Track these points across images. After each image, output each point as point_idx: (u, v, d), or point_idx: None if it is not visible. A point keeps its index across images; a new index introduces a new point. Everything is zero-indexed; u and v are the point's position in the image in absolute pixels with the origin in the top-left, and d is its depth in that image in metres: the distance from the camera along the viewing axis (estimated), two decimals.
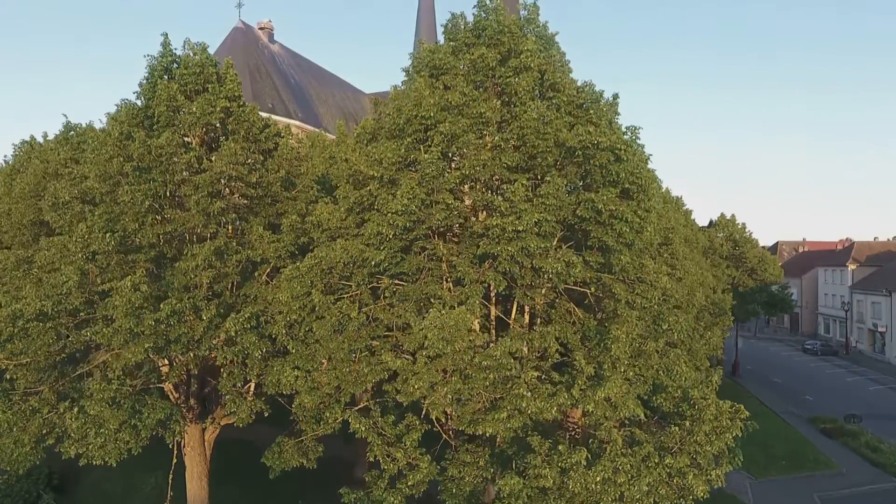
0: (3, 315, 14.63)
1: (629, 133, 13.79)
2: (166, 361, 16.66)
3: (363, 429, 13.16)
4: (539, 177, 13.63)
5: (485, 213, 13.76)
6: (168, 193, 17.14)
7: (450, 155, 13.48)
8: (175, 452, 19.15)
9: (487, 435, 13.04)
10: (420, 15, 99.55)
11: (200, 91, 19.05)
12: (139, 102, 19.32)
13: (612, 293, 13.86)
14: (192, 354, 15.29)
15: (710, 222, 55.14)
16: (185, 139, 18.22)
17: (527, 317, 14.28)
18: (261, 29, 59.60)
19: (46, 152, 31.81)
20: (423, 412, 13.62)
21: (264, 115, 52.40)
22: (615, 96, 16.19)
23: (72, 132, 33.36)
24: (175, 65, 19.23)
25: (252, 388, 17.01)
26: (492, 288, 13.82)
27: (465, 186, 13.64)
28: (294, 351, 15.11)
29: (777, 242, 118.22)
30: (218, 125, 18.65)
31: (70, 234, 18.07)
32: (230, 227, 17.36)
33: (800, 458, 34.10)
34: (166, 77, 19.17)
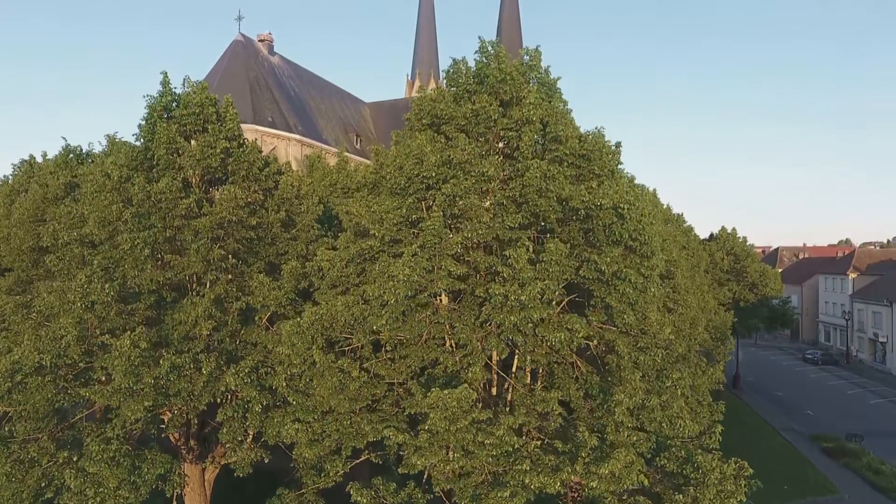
0: (1, 369, 14.53)
1: (630, 191, 13.64)
2: (166, 409, 16.56)
3: (364, 501, 13.04)
4: (541, 235, 13.51)
5: (486, 273, 13.64)
6: (167, 238, 17.04)
7: (452, 215, 13.35)
8: (175, 494, 19.06)
9: None
10: (420, 22, 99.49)
11: (200, 131, 18.96)
12: (139, 143, 19.23)
13: (614, 349, 13.75)
14: (192, 405, 15.19)
15: (711, 235, 55.06)
16: (185, 181, 18.12)
17: (528, 374, 14.18)
18: (261, 41, 59.47)
19: (46, 175, 31.70)
20: (426, 476, 13.51)
21: (264, 128, 52.31)
22: (618, 144, 16.11)
23: (70, 155, 33.30)
24: (175, 103, 19.11)
25: (252, 437, 16.91)
26: (494, 355, 13.74)
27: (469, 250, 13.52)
28: (295, 402, 15.01)
29: (777, 248, 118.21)
30: (218, 166, 18.54)
31: (69, 278, 18.00)
32: (230, 273, 17.24)
33: (801, 480, 34.01)
34: (166, 115, 19.09)
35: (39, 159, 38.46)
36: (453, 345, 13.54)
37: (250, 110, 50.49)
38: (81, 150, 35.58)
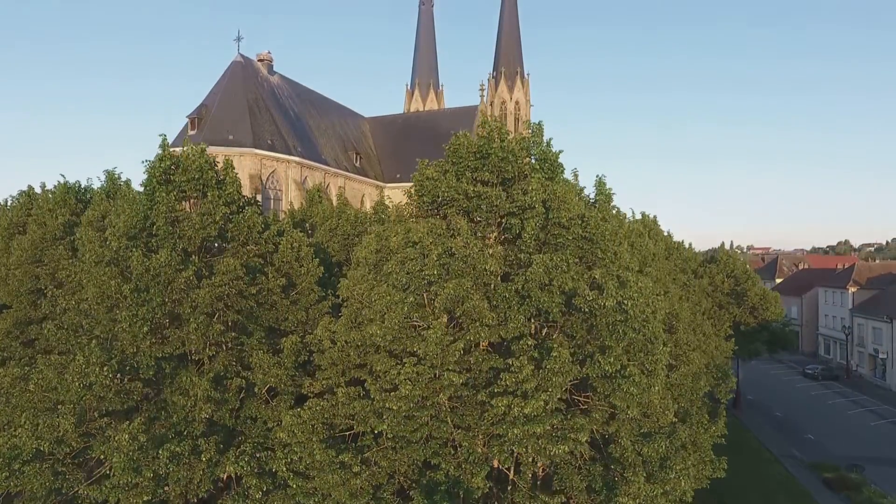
0: None
1: (634, 282, 13.50)
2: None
3: None
4: (544, 326, 13.40)
5: (489, 371, 13.53)
6: (166, 311, 16.90)
7: (455, 318, 13.25)
8: None
9: None
10: (419, 33, 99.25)
11: (200, 195, 18.83)
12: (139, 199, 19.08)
13: (617, 439, 13.65)
14: (192, 493, 15.07)
15: (712, 258, 54.98)
16: (184, 250, 17.98)
17: (529, 473, 14.05)
18: (260, 61, 59.30)
19: (44, 214, 31.51)
20: None
21: (263, 152, 52.06)
22: (622, 215, 15.94)
23: (68, 193, 33.12)
24: (174, 167, 18.96)
25: None
26: (496, 462, 13.64)
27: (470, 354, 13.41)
28: (295, 486, 14.89)
29: (777, 258, 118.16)
30: (217, 234, 18.41)
31: (67, 348, 17.87)
32: (229, 348, 17.12)
33: None
34: (165, 179, 18.93)
35: (38, 189, 38.45)
36: (455, 447, 13.43)
37: (250, 133, 50.38)
38: (80, 185, 35.46)
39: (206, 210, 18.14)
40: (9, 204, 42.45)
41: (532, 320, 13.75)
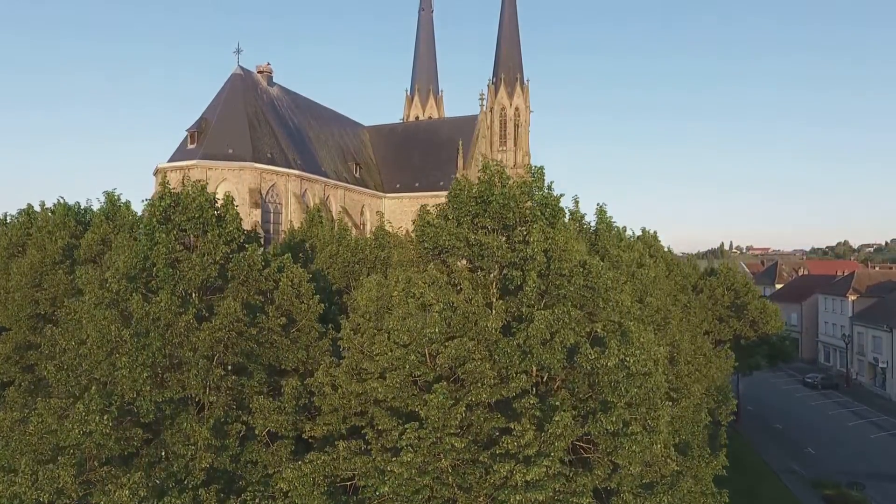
0: None
1: (637, 337, 13.45)
2: None
3: None
4: (544, 381, 13.37)
5: (490, 430, 13.48)
6: (166, 354, 16.86)
7: (456, 378, 13.21)
8: None
9: None
10: (419, 37, 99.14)
11: (201, 234, 18.77)
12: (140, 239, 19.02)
13: (619, 493, 13.62)
14: None
15: (712, 270, 54.99)
16: (185, 292, 17.94)
17: None
18: (260, 72, 59.24)
19: (44, 237, 31.45)
20: None
21: (263, 166, 51.87)
22: (626, 262, 15.92)
23: (68, 215, 33.07)
24: (174, 206, 18.89)
25: None
26: None
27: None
28: None
29: (776, 262, 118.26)
30: (217, 273, 18.35)
31: (66, 390, 17.82)
32: (229, 391, 17.07)
33: None
34: (164, 218, 18.87)
35: (37, 207, 38.38)
36: None
37: (250, 147, 50.34)
38: (80, 206, 35.42)
39: (206, 250, 18.09)
40: (8, 220, 42.49)
41: (533, 375, 13.70)
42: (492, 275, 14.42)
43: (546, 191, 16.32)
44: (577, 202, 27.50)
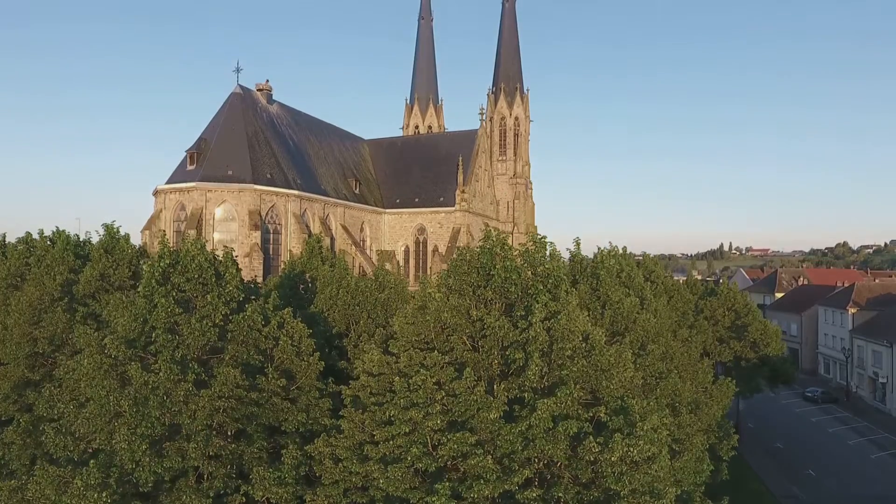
0: None
1: (641, 428, 13.30)
2: None
3: None
4: (548, 475, 13.26)
5: None
6: (165, 423, 16.75)
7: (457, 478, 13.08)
8: None
9: None
10: (419, 47, 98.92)
11: (200, 295, 18.64)
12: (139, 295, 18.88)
13: None
14: None
15: (712, 291, 54.91)
16: (184, 356, 17.81)
17: None
18: (259, 90, 59.02)
19: (42, 273, 31.26)
20: None
21: (263, 187, 51.57)
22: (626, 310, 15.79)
23: (66, 250, 32.86)
24: (173, 267, 18.76)
25: None
26: None
27: None
28: None
29: (776, 271, 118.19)
30: (217, 336, 18.22)
31: (65, 455, 17.70)
32: (229, 460, 16.95)
33: None
34: (166, 275, 18.74)
35: (35, 235, 38.19)
36: None
37: (249, 168, 50.18)
38: (79, 239, 35.25)
39: (205, 313, 17.97)
40: (6, 243, 42.29)
41: (536, 464, 13.59)
42: (494, 361, 14.30)
43: (548, 264, 16.19)
44: (577, 244, 27.37)
